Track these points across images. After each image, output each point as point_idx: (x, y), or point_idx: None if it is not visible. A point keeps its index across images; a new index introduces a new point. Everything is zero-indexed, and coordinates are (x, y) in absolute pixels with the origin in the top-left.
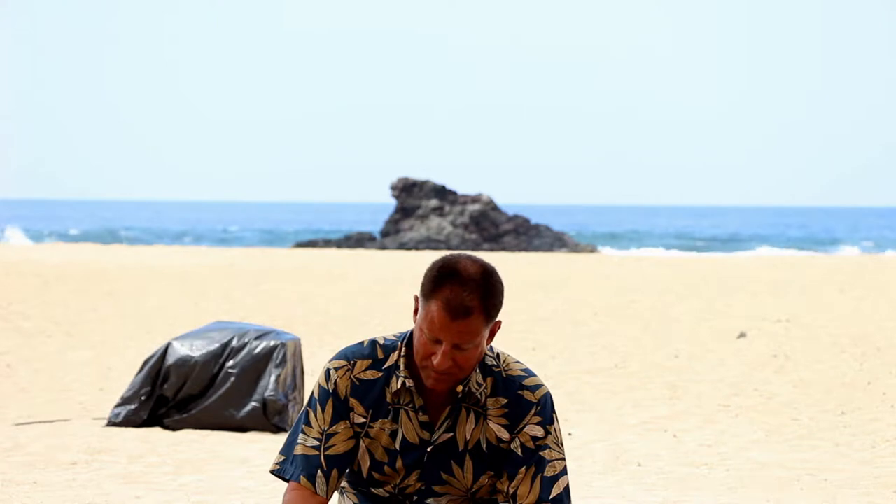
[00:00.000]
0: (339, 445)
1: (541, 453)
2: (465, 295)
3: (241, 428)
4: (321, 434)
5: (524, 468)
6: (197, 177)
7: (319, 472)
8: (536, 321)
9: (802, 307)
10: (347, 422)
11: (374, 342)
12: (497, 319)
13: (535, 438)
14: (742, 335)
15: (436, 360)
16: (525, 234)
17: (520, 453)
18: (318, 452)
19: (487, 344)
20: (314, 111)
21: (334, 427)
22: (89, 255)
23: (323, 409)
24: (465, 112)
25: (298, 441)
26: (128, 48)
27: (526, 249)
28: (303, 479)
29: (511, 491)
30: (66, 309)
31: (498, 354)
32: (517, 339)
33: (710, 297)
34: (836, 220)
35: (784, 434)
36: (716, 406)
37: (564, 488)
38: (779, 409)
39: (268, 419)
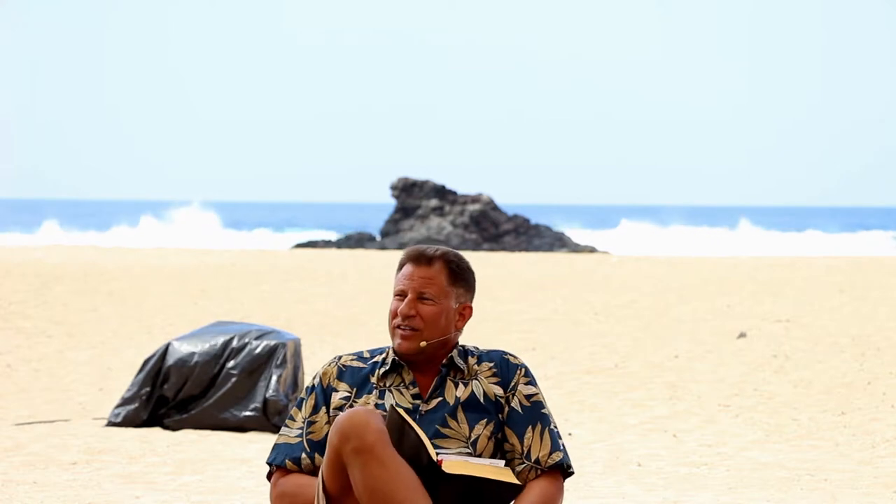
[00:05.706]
0: (318, 432)
1: (542, 411)
2: (428, 249)
3: (241, 428)
4: (303, 422)
5: (530, 427)
6: (197, 177)
7: (304, 455)
8: (536, 321)
9: (802, 307)
10: (325, 408)
11: (362, 351)
12: (466, 303)
13: (529, 396)
14: (742, 335)
15: (401, 309)
16: (525, 234)
17: (521, 411)
18: (300, 440)
19: (457, 328)
20: (314, 112)
21: (313, 416)
22: (89, 255)
23: (306, 403)
24: (465, 112)
25: (282, 433)
26: (127, 50)
27: (526, 249)
28: (288, 464)
29: (525, 450)
30: (66, 309)
31: (476, 346)
32: (517, 339)
33: (710, 297)
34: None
35: (784, 434)
36: (716, 406)
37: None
38: (779, 409)
39: (268, 419)
